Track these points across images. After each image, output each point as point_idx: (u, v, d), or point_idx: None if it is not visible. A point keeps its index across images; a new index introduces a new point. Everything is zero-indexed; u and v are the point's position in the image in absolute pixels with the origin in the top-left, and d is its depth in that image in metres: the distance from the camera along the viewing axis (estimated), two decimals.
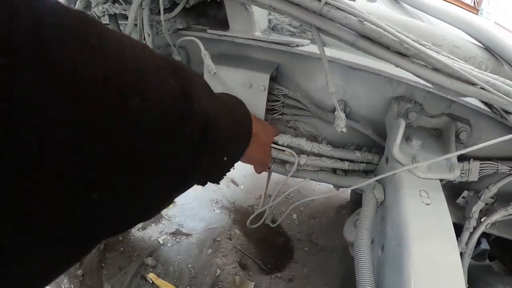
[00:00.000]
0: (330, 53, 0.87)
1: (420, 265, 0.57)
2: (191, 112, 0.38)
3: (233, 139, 0.55)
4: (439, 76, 0.67)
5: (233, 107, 0.56)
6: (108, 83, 0.28)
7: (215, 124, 0.44)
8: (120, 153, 0.30)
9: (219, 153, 0.51)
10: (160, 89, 0.34)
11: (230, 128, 0.52)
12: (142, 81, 0.32)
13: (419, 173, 0.75)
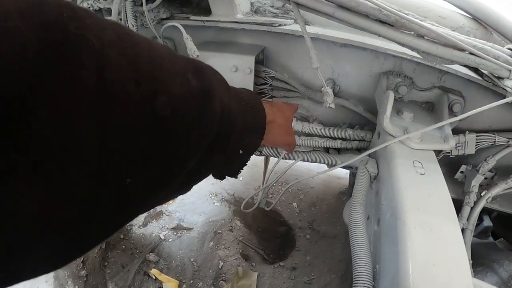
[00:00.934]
0: (313, 30, 0.86)
1: (416, 234, 0.55)
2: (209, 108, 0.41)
3: (248, 132, 0.56)
4: (423, 42, 0.66)
5: (247, 100, 0.56)
6: (139, 85, 0.31)
7: (230, 118, 0.47)
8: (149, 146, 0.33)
9: (234, 146, 0.52)
10: (184, 89, 0.37)
11: (244, 121, 0.53)
12: (169, 83, 0.35)
13: (412, 144, 0.74)
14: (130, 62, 0.30)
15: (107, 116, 0.28)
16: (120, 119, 0.29)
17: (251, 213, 1.90)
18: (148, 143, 0.33)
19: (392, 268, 0.55)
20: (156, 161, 0.34)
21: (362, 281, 0.57)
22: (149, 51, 0.34)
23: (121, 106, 0.29)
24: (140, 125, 0.31)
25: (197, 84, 0.39)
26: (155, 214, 1.91)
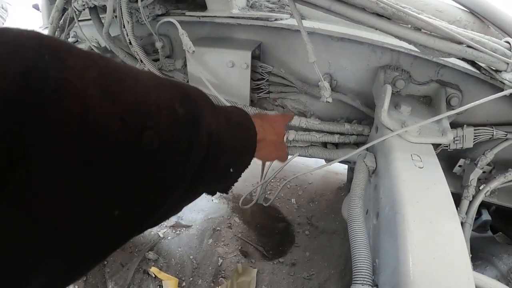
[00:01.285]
0: (309, 24, 0.86)
1: (416, 228, 0.55)
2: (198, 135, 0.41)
3: (237, 152, 0.56)
4: (421, 35, 0.66)
5: (236, 121, 0.56)
6: (125, 122, 0.31)
7: (218, 141, 0.47)
8: (136, 180, 0.33)
9: (223, 167, 0.52)
10: (171, 121, 0.37)
11: (233, 143, 0.53)
12: (155, 117, 0.35)
13: (410, 137, 0.74)
14: (114, 101, 0.30)
15: (92, 157, 0.28)
16: (105, 159, 0.29)
17: (250, 209, 1.89)
18: (135, 177, 0.33)
19: (392, 261, 0.55)
20: (143, 193, 0.35)
21: (362, 276, 0.57)
22: (134, 85, 0.34)
23: (106, 146, 0.29)
24: (126, 162, 0.31)
25: (184, 113, 0.39)
26: None
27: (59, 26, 1.08)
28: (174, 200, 0.41)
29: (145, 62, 0.95)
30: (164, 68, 1.04)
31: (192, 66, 0.95)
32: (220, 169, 0.51)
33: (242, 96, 0.94)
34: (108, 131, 0.29)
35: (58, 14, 1.04)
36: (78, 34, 1.26)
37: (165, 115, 0.36)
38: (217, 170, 0.50)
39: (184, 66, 1.02)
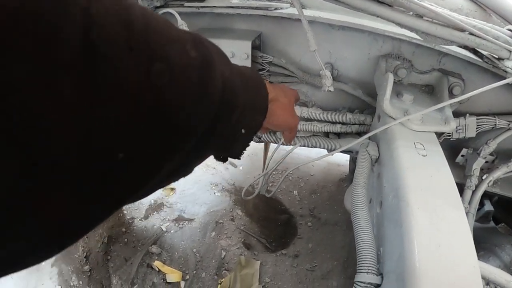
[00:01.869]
0: (310, 13, 0.85)
1: (420, 215, 0.55)
2: (211, 79, 0.39)
3: (250, 109, 0.53)
4: (423, 22, 0.65)
5: (249, 77, 0.53)
6: (133, 51, 0.28)
7: (232, 90, 0.45)
8: (144, 117, 0.30)
9: (236, 124, 0.50)
10: (183, 59, 0.34)
11: (245, 98, 0.50)
12: (167, 49, 0.32)
13: (413, 126, 0.73)
14: (121, 23, 0.28)
15: (94, 77, 0.25)
16: (110, 81, 0.26)
17: (252, 202, 1.90)
18: (143, 112, 0.29)
19: (397, 249, 0.55)
20: (152, 134, 0.31)
21: (367, 264, 0.57)
22: (143, 15, 0.31)
23: (111, 67, 0.26)
24: (134, 92, 0.28)
25: (196, 55, 0.37)
26: (156, 206, 1.91)
27: None
28: (185, 154, 0.39)
29: None
30: None
31: None
32: (231, 127, 0.49)
33: None
34: (114, 53, 0.26)
35: None
36: None
37: (177, 50, 0.34)
38: (229, 127, 0.48)
39: None
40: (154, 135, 0.32)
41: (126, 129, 0.28)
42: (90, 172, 0.27)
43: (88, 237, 1.78)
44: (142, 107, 0.29)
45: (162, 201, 1.94)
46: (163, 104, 0.32)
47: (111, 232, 1.79)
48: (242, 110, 0.49)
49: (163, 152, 0.34)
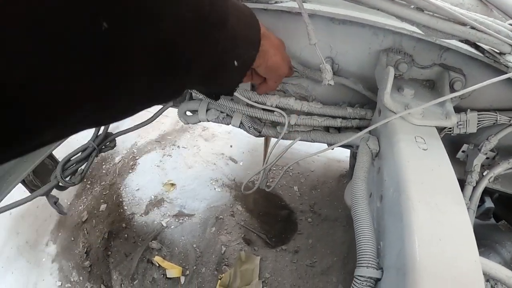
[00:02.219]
0: (310, 7, 0.84)
1: (421, 208, 0.55)
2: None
3: (241, 38, 0.50)
4: (424, 16, 0.64)
5: (241, 8, 0.51)
6: None
7: (222, 8, 0.43)
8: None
9: (225, 50, 0.48)
10: None
11: (237, 27, 0.48)
12: None
13: (414, 120, 0.73)
14: None
15: None
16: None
17: (252, 197, 1.90)
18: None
19: (397, 243, 0.54)
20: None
21: (367, 258, 0.57)
22: None
23: None
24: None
25: None
26: (156, 202, 1.91)
27: None
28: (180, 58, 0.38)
29: None
30: None
31: None
32: (221, 51, 0.47)
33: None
34: None
35: None
36: None
37: None
38: (218, 50, 0.45)
39: None
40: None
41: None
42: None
43: (89, 232, 1.79)
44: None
45: (162, 196, 1.94)
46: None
47: (111, 227, 1.80)
48: (232, 39, 0.47)
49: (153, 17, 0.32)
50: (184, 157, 2.15)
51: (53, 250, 1.75)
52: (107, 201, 1.95)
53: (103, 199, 1.96)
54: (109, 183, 2.00)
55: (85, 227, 1.82)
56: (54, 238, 1.80)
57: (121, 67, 0.31)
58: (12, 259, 1.70)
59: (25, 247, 1.76)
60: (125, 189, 2.01)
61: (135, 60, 0.32)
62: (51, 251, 1.74)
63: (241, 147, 2.23)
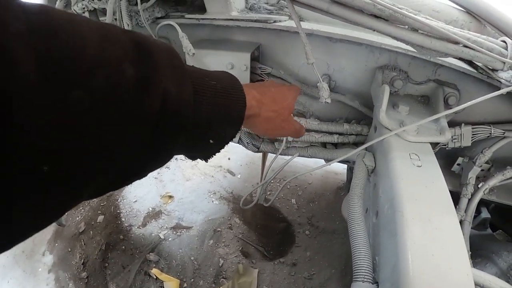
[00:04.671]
0: (308, 26, 0.87)
1: (415, 225, 0.56)
2: (143, 100, 0.37)
3: (218, 122, 0.51)
4: (418, 36, 0.66)
5: (218, 88, 0.50)
6: (48, 80, 0.28)
7: (178, 111, 0.42)
8: (60, 142, 0.30)
9: (196, 137, 0.49)
10: (112, 81, 0.33)
11: (206, 112, 0.48)
12: (88, 75, 0.31)
13: (408, 137, 0.75)
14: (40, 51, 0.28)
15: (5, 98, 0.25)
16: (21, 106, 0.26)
17: (250, 210, 1.91)
18: (60, 138, 0.30)
19: (392, 259, 0.56)
20: (74, 150, 0.31)
21: (363, 273, 0.58)
22: (68, 37, 0.30)
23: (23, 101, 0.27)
24: (50, 116, 0.28)
25: (134, 73, 0.35)
26: (154, 214, 1.91)
27: None
28: (123, 167, 0.38)
29: None
30: None
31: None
32: (192, 139, 0.48)
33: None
34: (31, 87, 0.27)
35: None
36: None
37: (104, 75, 0.32)
38: (186, 139, 0.46)
39: None
40: (76, 151, 0.32)
41: (46, 147, 0.29)
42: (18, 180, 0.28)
43: (86, 243, 1.79)
44: (58, 132, 0.29)
45: (160, 208, 1.94)
46: (84, 129, 0.31)
47: (108, 239, 1.80)
48: (202, 125, 0.48)
49: (89, 165, 0.34)
50: (182, 169, 2.16)
51: (50, 260, 1.75)
52: (105, 212, 1.95)
53: (100, 210, 1.96)
54: (107, 195, 2.00)
55: (82, 238, 1.82)
56: (51, 248, 1.80)
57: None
58: (8, 267, 1.70)
59: (21, 256, 1.76)
60: (123, 200, 2.01)
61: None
62: (47, 261, 1.74)
63: (239, 160, 2.25)
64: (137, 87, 0.36)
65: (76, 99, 0.30)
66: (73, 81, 0.30)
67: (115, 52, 0.34)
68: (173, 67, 0.42)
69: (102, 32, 0.35)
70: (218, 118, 0.50)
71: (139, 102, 0.36)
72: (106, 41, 0.34)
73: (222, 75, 0.54)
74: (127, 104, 0.35)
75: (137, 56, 0.37)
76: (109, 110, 0.33)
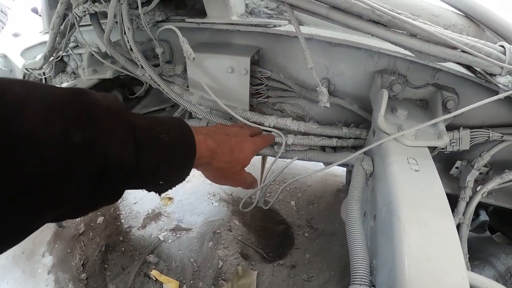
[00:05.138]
0: (307, 30, 0.87)
1: (411, 230, 0.56)
2: (87, 162, 0.40)
3: (165, 170, 0.54)
4: (416, 41, 0.67)
5: (166, 140, 0.53)
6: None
7: (120, 165, 0.44)
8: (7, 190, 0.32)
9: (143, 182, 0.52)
10: (57, 151, 0.36)
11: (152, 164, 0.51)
12: (40, 151, 0.34)
13: (406, 141, 0.75)
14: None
15: None
16: None
17: (250, 212, 1.91)
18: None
19: (389, 262, 0.56)
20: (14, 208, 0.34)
21: (360, 276, 0.58)
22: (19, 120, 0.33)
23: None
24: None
25: (78, 139, 0.38)
26: (153, 216, 1.92)
27: (60, 31, 1.09)
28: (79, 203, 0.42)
29: (146, 68, 0.97)
30: (164, 73, 1.05)
31: (192, 71, 0.97)
32: (140, 183, 0.51)
33: (242, 101, 0.96)
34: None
35: (59, 20, 1.06)
36: (78, 39, 1.27)
37: (50, 147, 0.35)
38: (134, 185, 0.50)
39: (184, 71, 1.03)
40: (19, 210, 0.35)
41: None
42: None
43: (85, 245, 1.79)
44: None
45: (159, 210, 1.95)
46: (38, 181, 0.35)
47: (108, 240, 1.80)
48: (147, 175, 0.51)
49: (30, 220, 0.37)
50: None
51: (49, 261, 1.75)
52: (104, 213, 1.96)
53: (100, 212, 1.97)
54: None
55: (82, 239, 1.83)
56: (51, 249, 1.80)
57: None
58: (7, 268, 1.70)
59: (21, 257, 1.76)
60: (122, 202, 2.02)
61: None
62: (47, 262, 1.75)
63: None
64: (83, 151, 0.39)
65: (31, 170, 0.34)
66: (27, 158, 0.33)
67: (61, 123, 0.37)
68: (116, 127, 0.44)
69: (51, 102, 0.38)
70: (165, 167, 0.53)
71: (85, 162, 0.39)
72: (53, 112, 0.37)
73: (172, 124, 0.56)
74: (75, 164, 0.38)
75: (79, 122, 0.39)
76: (60, 170, 0.36)
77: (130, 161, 0.45)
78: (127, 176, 0.46)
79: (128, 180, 0.46)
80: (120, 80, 1.34)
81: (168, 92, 0.99)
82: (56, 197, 0.38)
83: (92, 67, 1.19)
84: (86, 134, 0.39)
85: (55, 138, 0.36)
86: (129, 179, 0.46)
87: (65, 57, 1.31)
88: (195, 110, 0.98)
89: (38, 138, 0.34)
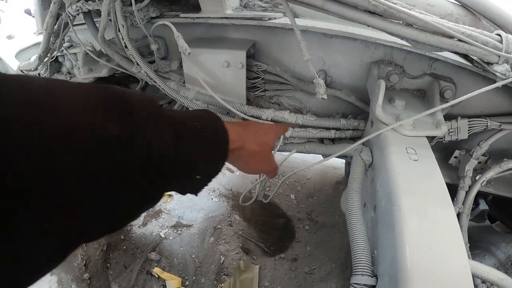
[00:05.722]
0: (303, 22, 0.87)
1: (412, 219, 0.57)
2: (131, 152, 0.39)
3: (202, 161, 0.53)
4: (412, 31, 0.67)
5: (199, 128, 0.53)
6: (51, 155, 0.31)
7: (164, 155, 0.44)
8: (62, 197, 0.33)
9: (184, 176, 0.51)
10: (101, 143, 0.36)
11: (192, 153, 0.51)
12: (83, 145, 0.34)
13: (405, 131, 0.75)
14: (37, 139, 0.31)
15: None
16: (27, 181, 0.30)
17: (250, 206, 1.91)
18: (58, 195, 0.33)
19: (390, 252, 0.56)
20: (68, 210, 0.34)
21: (362, 267, 0.58)
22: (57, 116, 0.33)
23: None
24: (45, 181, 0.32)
25: (119, 131, 0.38)
26: (154, 213, 1.92)
27: (54, 31, 1.09)
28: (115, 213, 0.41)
29: (141, 65, 0.96)
30: (160, 69, 1.05)
31: (188, 67, 0.96)
32: (179, 179, 0.51)
33: (239, 95, 0.96)
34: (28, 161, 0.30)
35: (52, 20, 1.05)
36: (72, 38, 1.26)
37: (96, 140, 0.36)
38: (173, 181, 0.49)
39: (180, 67, 1.03)
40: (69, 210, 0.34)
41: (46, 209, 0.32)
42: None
43: (87, 245, 1.79)
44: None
45: (160, 207, 1.95)
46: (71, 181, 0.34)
47: (110, 239, 1.80)
48: (188, 165, 0.50)
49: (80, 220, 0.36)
50: None
51: None
52: None
53: None
54: None
55: None
56: None
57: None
58: None
59: None
60: None
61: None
62: None
63: None
64: (123, 144, 0.38)
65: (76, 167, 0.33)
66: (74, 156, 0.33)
67: (98, 117, 0.37)
68: (154, 119, 0.44)
69: (85, 97, 0.38)
70: (203, 156, 0.53)
71: (126, 155, 0.39)
72: (90, 106, 0.37)
73: (202, 114, 0.56)
74: (116, 158, 0.38)
75: (118, 115, 0.39)
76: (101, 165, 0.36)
77: (171, 150, 0.46)
78: (169, 169, 0.46)
79: (170, 172, 0.46)
80: (116, 78, 1.34)
81: (164, 88, 0.99)
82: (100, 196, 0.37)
83: (87, 66, 1.19)
84: (125, 126, 0.39)
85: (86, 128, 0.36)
86: (172, 171, 0.47)
87: (60, 57, 1.30)
88: (192, 106, 0.98)
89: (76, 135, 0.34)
